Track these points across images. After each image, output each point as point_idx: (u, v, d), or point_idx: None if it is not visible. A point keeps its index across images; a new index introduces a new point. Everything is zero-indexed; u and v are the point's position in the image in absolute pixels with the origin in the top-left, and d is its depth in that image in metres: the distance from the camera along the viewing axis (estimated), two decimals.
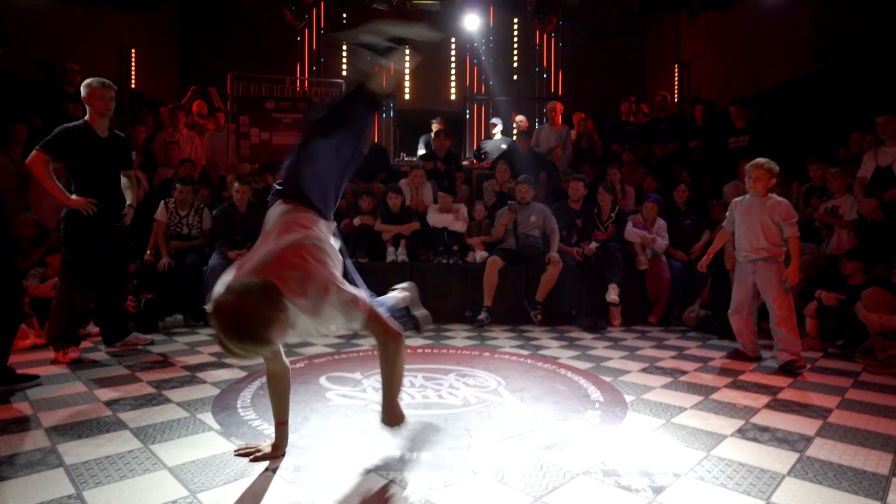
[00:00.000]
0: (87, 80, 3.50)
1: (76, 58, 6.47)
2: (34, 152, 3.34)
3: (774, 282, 3.38)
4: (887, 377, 3.19)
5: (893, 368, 3.26)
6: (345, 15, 9.50)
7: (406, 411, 2.44)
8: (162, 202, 5.10)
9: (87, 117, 3.52)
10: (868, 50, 5.40)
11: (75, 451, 1.98)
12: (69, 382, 2.92)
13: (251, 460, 1.91)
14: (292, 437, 2.12)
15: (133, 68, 8.16)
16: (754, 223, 3.45)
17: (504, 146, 7.43)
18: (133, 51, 8.16)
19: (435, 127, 7.85)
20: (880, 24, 5.25)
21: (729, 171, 5.96)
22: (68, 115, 5.65)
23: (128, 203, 3.76)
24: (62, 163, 3.45)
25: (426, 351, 3.81)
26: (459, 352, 3.81)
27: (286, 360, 1.95)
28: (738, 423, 2.36)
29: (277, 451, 1.95)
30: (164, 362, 3.41)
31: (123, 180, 3.79)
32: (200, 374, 3.10)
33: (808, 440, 2.16)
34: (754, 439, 2.16)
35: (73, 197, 3.43)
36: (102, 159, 3.56)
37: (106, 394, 2.71)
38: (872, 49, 5.35)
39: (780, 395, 2.79)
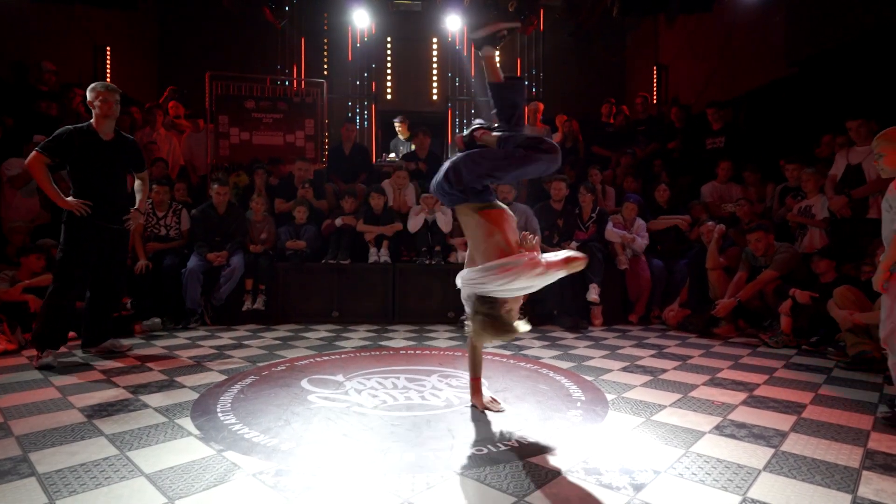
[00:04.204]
0: (93, 85, 3.54)
1: (49, 56, 6.31)
2: (33, 153, 3.36)
3: None
4: (859, 373, 3.28)
5: (864, 364, 3.35)
6: (326, 15, 9.43)
7: (389, 413, 2.45)
8: None
9: (92, 120, 3.52)
10: (839, 55, 5.55)
11: (48, 460, 1.93)
12: (41, 388, 2.85)
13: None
14: (273, 442, 2.10)
15: (108, 67, 7.99)
16: None
17: None
18: (108, 49, 7.99)
19: (398, 127, 7.85)
20: (851, 30, 5.41)
21: (706, 171, 6.07)
22: (41, 114, 5.52)
23: (134, 206, 3.74)
24: (60, 164, 3.45)
25: (409, 352, 3.80)
26: (442, 352, 3.81)
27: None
28: (716, 419, 2.40)
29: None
30: (142, 366, 3.34)
31: (137, 183, 3.81)
32: (179, 379, 3.05)
33: (783, 435, 2.21)
34: (731, 436, 2.21)
35: (68, 199, 3.41)
36: (104, 162, 3.54)
37: (81, 400, 2.65)
38: (844, 54, 5.50)
39: (757, 392, 2.85)
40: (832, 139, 5.16)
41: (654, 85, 9.14)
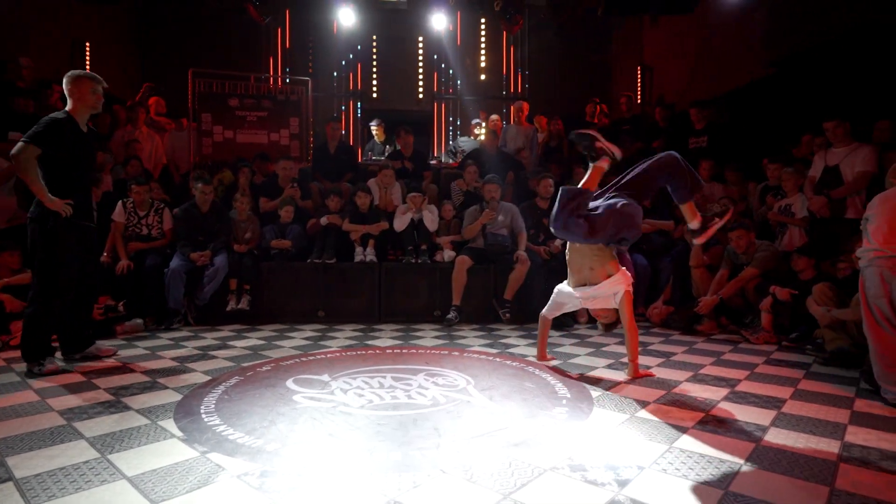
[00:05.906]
0: (74, 73, 3.31)
1: (25, 51, 6.17)
2: (22, 144, 3.07)
3: None
4: (836, 368, 3.35)
5: (842, 360, 3.42)
6: (311, 13, 9.35)
7: (375, 412, 2.45)
8: (120, 202, 4.92)
9: (69, 108, 3.28)
10: (816, 56, 5.66)
11: (26, 464, 1.89)
12: (19, 391, 2.79)
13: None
14: (258, 443, 2.08)
15: (87, 63, 7.83)
16: None
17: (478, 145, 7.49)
18: (87, 45, 7.84)
19: (374, 130, 7.86)
20: (828, 32, 5.52)
21: None
22: (17, 111, 5.39)
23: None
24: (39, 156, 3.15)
25: (395, 351, 3.80)
26: (428, 351, 3.81)
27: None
28: (699, 415, 2.44)
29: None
30: (123, 368, 3.29)
31: None
32: (162, 380, 3.01)
33: (764, 430, 2.25)
34: (714, 431, 2.24)
35: (53, 197, 3.15)
36: (85, 156, 3.39)
37: (60, 402, 2.60)
38: (821, 55, 5.62)
39: (738, 388, 2.90)
40: (811, 139, 5.26)
41: (639, 85, 9.23)
